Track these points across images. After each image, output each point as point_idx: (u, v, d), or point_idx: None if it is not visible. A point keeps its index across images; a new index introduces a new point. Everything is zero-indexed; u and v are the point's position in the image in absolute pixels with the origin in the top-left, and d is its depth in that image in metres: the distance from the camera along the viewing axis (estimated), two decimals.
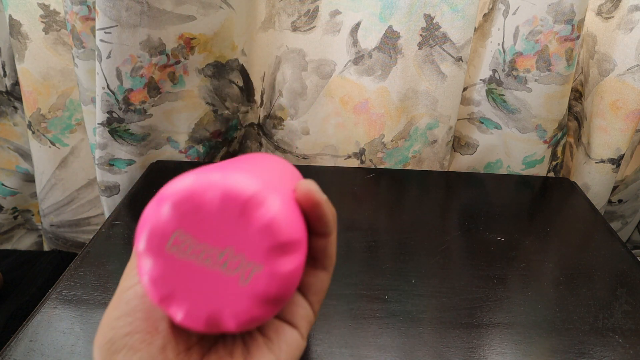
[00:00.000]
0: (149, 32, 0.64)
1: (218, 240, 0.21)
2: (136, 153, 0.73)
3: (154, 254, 0.21)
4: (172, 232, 0.20)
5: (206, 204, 0.20)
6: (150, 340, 0.21)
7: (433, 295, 0.50)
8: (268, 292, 0.21)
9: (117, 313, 0.21)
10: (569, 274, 0.53)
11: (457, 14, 0.66)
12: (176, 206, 0.20)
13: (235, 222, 0.20)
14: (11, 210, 0.94)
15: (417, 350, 0.43)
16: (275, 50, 0.74)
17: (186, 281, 0.21)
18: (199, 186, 0.20)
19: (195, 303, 0.21)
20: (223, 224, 0.20)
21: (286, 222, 0.21)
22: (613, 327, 0.46)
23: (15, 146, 0.90)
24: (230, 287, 0.21)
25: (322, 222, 0.23)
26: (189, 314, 0.21)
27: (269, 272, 0.21)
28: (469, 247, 0.57)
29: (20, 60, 0.76)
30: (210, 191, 0.20)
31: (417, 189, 0.70)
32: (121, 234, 0.58)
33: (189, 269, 0.21)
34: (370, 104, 0.73)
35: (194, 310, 0.21)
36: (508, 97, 0.71)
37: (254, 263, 0.20)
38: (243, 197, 0.20)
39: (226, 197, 0.20)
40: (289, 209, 0.21)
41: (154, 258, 0.21)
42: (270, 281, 0.20)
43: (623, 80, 0.68)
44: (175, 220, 0.20)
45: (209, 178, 0.21)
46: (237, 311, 0.21)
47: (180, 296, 0.21)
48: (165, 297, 0.21)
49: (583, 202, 0.68)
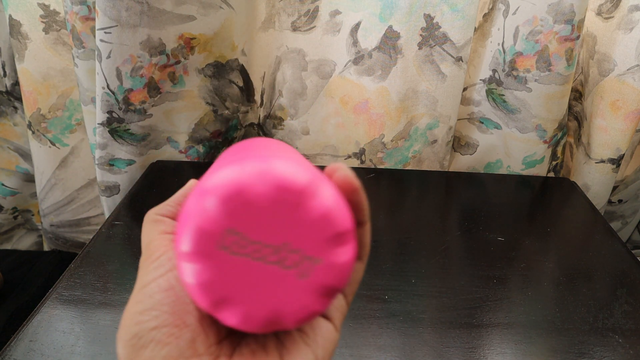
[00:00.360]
0: (149, 32, 0.64)
1: (273, 236, 0.19)
2: (136, 153, 0.73)
3: (202, 256, 0.19)
4: (222, 231, 0.19)
5: (258, 198, 0.19)
6: (178, 334, 0.20)
7: (433, 295, 0.50)
8: (328, 285, 0.20)
9: (140, 307, 0.20)
10: (569, 274, 0.53)
11: (457, 14, 0.66)
12: (225, 201, 0.18)
13: (290, 215, 0.19)
14: (11, 210, 0.94)
15: (417, 350, 0.43)
16: (275, 50, 0.74)
17: (241, 283, 0.19)
18: (249, 178, 0.19)
19: (253, 305, 0.20)
20: (277, 218, 0.19)
21: (341, 211, 0.20)
22: (613, 327, 0.46)
23: (15, 146, 0.90)
24: (289, 283, 0.20)
25: (360, 209, 0.22)
26: (246, 317, 0.20)
27: (328, 265, 0.20)
28: (469, 247, 0.57)
29: (20, 60, 0.76)
30: (262, 183, 0.19)
31: (417, 189, 0.70)
32: (121, 234, 0.58)
33: (242, 269, 0.19)
34: (370, 104, 0.73)
35: (252, 313, 0.20)
36: (508, 97, 0.71)
37: (312, 257, 0.19)
38: (298, 188, 0.19)
39: (280, 188, 0.19)
40: (339, 197, 0.20)
41: (202, 261, 0.19)
42: (329, 273, 0.20)
43: (623, 80, 0.68)
44: (225, 217, 0.19)
45: (256, 168, 0.19)
46: (297, 308, 0.20)
47: (234, 300, 0.19)
48: (217, 302, 0.19)
49: (583, 202, 0.68)
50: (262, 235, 0.19)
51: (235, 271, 0.19)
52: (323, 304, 0.20)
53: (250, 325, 0.20)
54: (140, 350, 0.19)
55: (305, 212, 0.19)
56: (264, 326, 0.20)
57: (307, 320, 0.20)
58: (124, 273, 0.52)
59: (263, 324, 0.20)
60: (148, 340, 0.20)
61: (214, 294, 0.19)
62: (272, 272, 0.19)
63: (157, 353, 0.19)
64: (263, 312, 0.20)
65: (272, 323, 0.20)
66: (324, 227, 0.19)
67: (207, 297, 0.19)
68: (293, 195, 0.19)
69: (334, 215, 0.19)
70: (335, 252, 0.20)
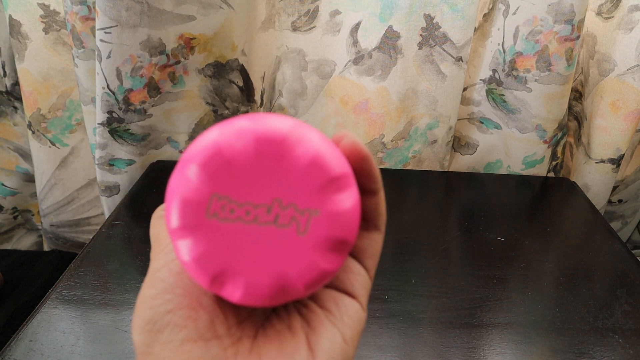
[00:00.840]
0: (149, 32, 0.64)
1: (262, 194, 0.18)
2: (136, 153, 0.73)
3: (192, 228, 0.18)
4: (208, 197, 0.18)
5: (239, 156, 0.17)
6: (195, 316, 0.19)
7: (433, 295, 0.50)
8: (332, 236, 0.18)
9: (153, 292, 0.19)
10: (569, 274, 0.53)
11: (457, 14, 0.66)
12: (205, 166, 0.17)
13: (276, 168, 0.18)
14: (11, 210, 0.94)
15: (417, 350, 0.43)
16: (275, 50, 0.74)
17: (237, 250, 0.18)
18: (225, 137, 0.18)
19: (254, 273, 0.18)
20: (263, 174, 0.18)
21: (331, 155, 0.18)
22: (613, 327, 0.46)
23: (15, 146, 0.90)
24: (288, 243, 0.18)
25: (371, 177, 0.20)
26: (249, 288, 0.18)
27: (327, 214, 0.18)
28: (469, 247, 0.57)
29: (20, 60, 0.76)
30: (241, 140, 0.18)
31: (417, 189, 0.70)
32: (121, 234, 0.58)
33: (237, 235, 0.18)
34: (370, 104, 0.73)
35: (254, 282, 0.18)
36: (508, 97, 0.71)
37: (308, 209, 0.18)
38: (279, 137, 0.18)
39: (260, 141, 0.17)
40: (329, 143, 0.19)
41: (193, 233, 0.18)
42: (331, 223, 0.18)
43: (623, 80, 0.68)
44: (208, 182, 0.17)
45: (234, 127, 0.18)
46: (303, 269, 0.18)
47: (234, 270, 0.18)
48: (216, 276, 0.18)
49: (583, 202, 0.68)
50: (250, 195, 0.18)
51: (230, 239, 0.18)
52: (332, 260, 0.18)
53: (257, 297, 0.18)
54: (157, 335, 0.19)
55: (291, 161, 0.18)
56: (271, 296, 0.18)
57: (318, 281, 0.19)
58: (124, 273, 0.52)
59: (270, 294, 0.18)
60: (164, 324, 0.19)
61: (212, 267, 0.18)
62: (268, 233, 0.18)
63: (174, 336, 0.19)
64: (267, 280, 0.18)
65: (279, 291, 0.18)
66: (314, 175, 0.18)
67: (205, 273, 0.18)
68: (275, 145, 0.18)
69: (324, 160, 0.18)
70: (333, 200, 0.18)
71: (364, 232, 0.22)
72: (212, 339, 0.19)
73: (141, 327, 0.19)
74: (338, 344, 0.20)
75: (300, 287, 0.18)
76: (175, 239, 0.18)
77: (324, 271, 0.18)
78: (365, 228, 0.22)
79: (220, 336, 0.19)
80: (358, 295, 0.21)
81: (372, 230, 0.22)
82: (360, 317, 0.21)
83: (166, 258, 0.21)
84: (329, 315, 0.21)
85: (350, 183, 0.19)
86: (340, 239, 0.18)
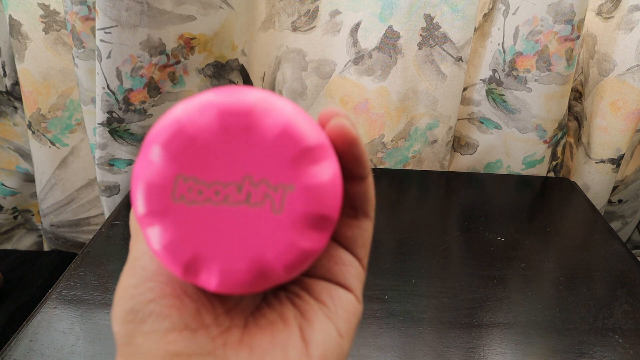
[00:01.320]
0: (149, 32, 0.64)
1: (231, 172, 0.16)
2: (136, 153, 0.73)
3: (159, 214, 0.16)
4: (172, 179, 0.16)
5: (203, 132, 0.16)
6: (179, 305, 0.18)
7: (433, 295, 0.49)
8: (310, 212, 0.17)
9: (134, 280, 0.18)
10: (569, 274, 0.53)
11: (457, 14, 0.66)
12: (167, 146, 0.16)
13: (244, 143, 0.16)
14: (11, 210, 0.94)
15: (417, 350, 0.43)
16: (275, 50, 0.74)
17: (209, 234, 0.17)
18: (186, 114, 0.16)
19: (229, 258, 0.17)
20: (230, 151, 0.16)
21: (305, 125, 0.17)
22: (613, 327, 0.46)
23: (15, 146, 0.90)
24: (263, 222, 0.17)
25: (360, 161, 0.19)
26: (226, 275, 0.17)
27: (303, 188, 0.16)
28: (469, 247, 0.57)
29: (20, 60, 0.76)
30: (203, 115, 0.16)
31: (417, 189, 0.70)
32: (121, 234, 0.58)
33: (207, 218, 0.17)
34: (370, 104, 0.73)
35: (230, 268, 0.17)
36: (508, 97, 0.71)
37: (282, 184, 0.16)
38: (244, 109, 0.16)
39: (225, 114, 0.16)
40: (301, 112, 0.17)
41: (161, 219, 0.16)
42: (308, 197, 0.17)
43: (623, 80, 0.68)
44: (171, 163, 0.16)
45: (197, 102, 0.17)
46: (281, 250, 0.17)
47: (207, 256, 0.17)
48: (189, 264, 0.17)
49: (583, 202, 0.68)
50: (218, 174, 0.16)
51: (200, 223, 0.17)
52: (313, 239, 0.17)
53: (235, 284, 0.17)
54: (139, 325, 0.17)
55: (260, 134, 0.16)
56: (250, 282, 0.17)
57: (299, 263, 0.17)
58: None
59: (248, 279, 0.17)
60: (146, 314, 0.17)
61: (183, 254, 0.17)
62: (240, 214, 0.17)
63: (158, 326, 0.17)
64: (244, 264, 0.17)
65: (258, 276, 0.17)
66: (286, 146, 0.16)
67: (177, 261, 0.17)
68: (241, 118, 0.16)
69: (296, 130, 0.16)
70: (308, 173, 0.17)
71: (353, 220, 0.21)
72: (199, 328, 0.18)
73: (121, 317, 0.18)
74: (333, 337, 0.19)
75: (280, 269, 0.17)
76: (144, 227, 0.17)
77: (305, 251, 0.17)
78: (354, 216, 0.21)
79: (208, 326, 0.18)
80: (352, 287, 0.20)
81: (362, 218, 0.21)
82: (356, 309, 0.20)
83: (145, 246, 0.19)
84: (323, 308, 0.19)
85: (326, 154, 0.17)
86: (319, 215, 0.17)
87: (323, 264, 0.20)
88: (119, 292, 0.18)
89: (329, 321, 0.19)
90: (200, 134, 0.16)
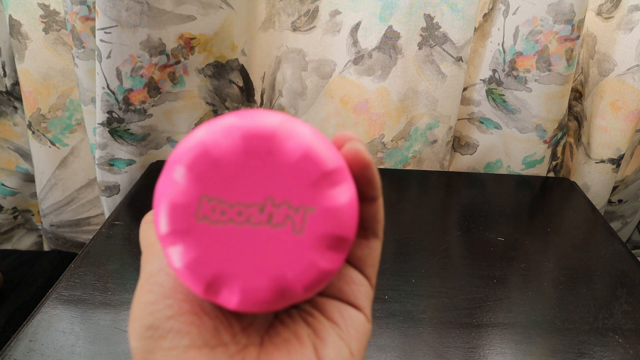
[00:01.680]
0: (149, 32, 0.64)
1: (253, 194, 0.17)
2: (136, 153, 0.73)
3: (182, 233, 0.17)
4: (197, 200, 0.17)
5: (227, 155, 0.17)
6: (198, 322, 0.18)
7: (433, 295, 0.49)
8: (329, 233, 0.17)
9: (152, 297, 0.18)
10: (569, 274, 0.53)
11: (457, 14, 0.66)
12: (192, 167, 0.17)
13: (267, 165, 0.17)
14: (11, 210, 0.94)
15: (417, 350, 0.43)
16: (275, 50, 0.74)
17: (231, 254, 0.17)
18: (211, 136, 0.17)
19: (250, 277, 0.17)
20: (253, 173, 0.17)
21: (323, 149, 0.17)
22: (613, 327, 0.46)
23: (15, 146, 0.90)
24: (284, 243, 0.17)
25: (372, 184, 0.20)
26: (246, 294, 0.17)
27: (323, 210, 0.17)
28: (469, 247, 0.57)
29: (20, 60, 0.76)
30: (228, 138, 0.17)
31: (417, 189, 0.70)
32: (121, 234, 0.58)
33: (230, 237, 0.17)
34: (370, 104, 0.73)
35: (251, 287, 0.17)
36: (508, 97, 0.71)
37: (303, 206, 0.17)
38: (267, 132, 0.17)
39: (248, 138, 0.17)
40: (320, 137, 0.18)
41: (184, 238, 0.17)
42: (328, 219, 0.17)
43: (623, 80, 0.68)
44: (196, 184, 0.17)
45: (220, 124, 0.17)
46: (301, 269, 0.17)
47: (229, 275, 0.17)
48: (211, 282, 0.17)
49: (583, 202, 0.67)
50: (241, 195, 0.17)
51: (222, 242, 0.17)
52: (331, 259, 0.18)
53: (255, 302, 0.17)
54: (159, 341, 0.18)
55: (282, 157, 0.17)
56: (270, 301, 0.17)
57: (318, 282, 0.18)
58: (124, 273, 0.52)
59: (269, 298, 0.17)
60: (166, 331, 0.18)
61: (205, 273, 0.17)
62: (262, 234, 0.17)
63: (177, 343, 0.18)
64: (264, 283, 0.17)
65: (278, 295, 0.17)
66: (306, 169, 0.17)
67: (199, 280, 0.17)
68: (264, 141, 0.17)
69: (316, 154, 0.17)
70: (328, 195, 0.17)
71: (363, 240, 0.21)
72: (218, 346, 0.18)
73: (140, 333, 0.18)
74: (345, 357, 0.19)
75: (299, 289, 0.17)
76: (165, 246, 0.17)
77: (324, 271, 0.17)
78: (364, 236, 0.21)
79: (226, 343, 0.18)
80: (362, 306, 0.21)
81: (371, 238, 0.21)
82: (366, 329, 0.20)
83: (161, 262, 0.20)
84: (334, 327, 0.20)
85: (345, 177, 0.18)
86: (338, 236, 0.17)
87: (334, 283, 0.21)
88: (136, 307, 0.19)
89: (341, 341, 0.19)
90: (224, 156, 0.17)
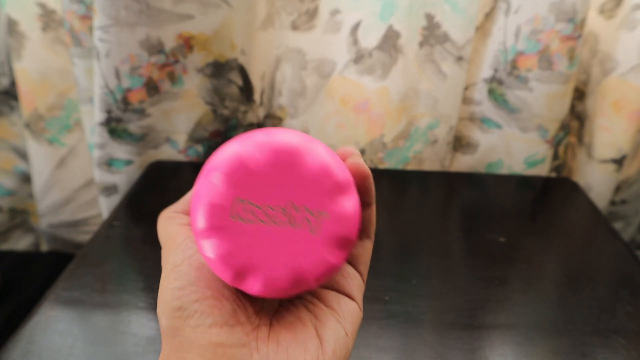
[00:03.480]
0: (148, 31, 0.63)
1: (278, 198, 0.21)
2: (135, 153, 0.73)
3: (218, 228, 0.20)
4: (231, 201, 0.20)
5: (258, 165, 0.21)
6: (219, 305, 0.22)
7: (434, 296, 0.49)
8: (338, 234, 0.21)
9: (179, 284, 0.22)
10: (571, 275, 0.53)
11: (458, 13, 0.65)
12: (229, 174, 0.20)
13: (290, 176, 0.21)
14: (8, 211, 0.94)
15: (417, 351, 0.43)
16: (274, 50, 0.74)
17: (258, 249, 0.21)
18: (247, 149, 0.21)
19: (273, 268, 0.21)
20: (278, 181, 0.21)
21: (336, 164, 0.21)
22: (616, 329, 0.46)
23: (13, 146, 0.89)
24: (303, 241, 0.21)
25: (369, 192, 0.24)
26: (268, 282, 0.21)
27: (335, 215, 0.21)
28: (470, 248, 0.57)
29: (17, 59, 0.76)
30: (260, 151, 0.21)
31: (417, 189, 0.69)
32: (120, 234, 0.58)
33: (257, 235, 0.21)
34: (371, 104, 0.73)
35: (274, 276, 0.21)
36: (509, 97, 0.70)
37: (318, 210, 0.21)
38: (292, 148, 0.21)
39: (276, 152, 0.21)
40: (333, 154, 0.22)
41: (219, 233, 0.20)
42: (338, 223, 0.21)
43: (626, 80, 0.67)
44: (231, 188, 0.20)
45: (253, 140, 0.21)
46: (315, 263, 0.21)
47: (255, 266, 0.21)
48: (239, 272, 0.21)
49: (585, 203, 0.67)
50: (267, 199, 0.21)
51: (251, 238, 0.21)
52: (339, 256, 0.21)
53: (274, 289, 0.21)
54: (186, 320, 0.21)
55: (303, 169, 0.21)
56: (287, 288, 0.21)
57: (327, 274, 0.21)
58: (122, 274, 0.51)
59: (285, 286, 0.21)
60: (192, 312, 0.21)
61: (235, 264, 0.21)
62: (285, 232, 0.21)
63: (202, 321, 0.21)
64: (284, 274, 0.21)
65: (294, 283, 0.21)
66: (322, 180, 0.21)
67: (229, 269, 0.21)
68: (288, 155, 0.21)
69: (330, 168, 0.21)
70: (339, 203, 0.21)
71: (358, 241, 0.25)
72: (236, 325, 0.22)
73: (170, 314, 0.21)
74: (341, 336, 0.23)
75: (311, 279, 0.21)
76: (200, 239, 0.21)
77: (332, 265, 0.21)
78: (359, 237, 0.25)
79: (242, 323, 0.22)
80: (355, 296, 0.25)
81: (365, 239, 0.25)
82: (358, 315, 0.25)
83: (184, 254, 0.23)
84: (332, 313, 0.24)
85: (352, 189, 0.22)
86: (345, 237, 0.21)
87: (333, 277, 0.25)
88: (164, 292, 0.22)
89: (338, 324, 0.23)
90: (256, 166, 0.21)
